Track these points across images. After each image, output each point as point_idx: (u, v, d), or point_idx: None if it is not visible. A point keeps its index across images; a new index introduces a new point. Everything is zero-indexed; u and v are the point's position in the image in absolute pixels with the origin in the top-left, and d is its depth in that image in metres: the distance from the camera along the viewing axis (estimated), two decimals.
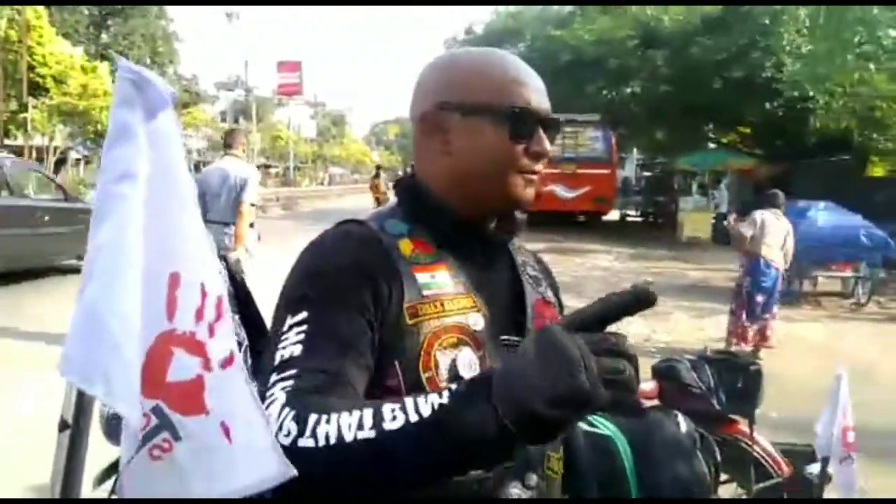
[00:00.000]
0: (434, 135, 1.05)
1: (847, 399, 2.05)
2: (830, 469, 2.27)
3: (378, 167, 22.71)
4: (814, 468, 2.40)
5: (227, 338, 0.73)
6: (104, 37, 36.09)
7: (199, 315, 0.72)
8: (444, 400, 0.74)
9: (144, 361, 0.70)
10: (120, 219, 0.70)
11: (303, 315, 0.90)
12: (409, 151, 1.16)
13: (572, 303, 1.02)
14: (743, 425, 2.72)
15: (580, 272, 12.11)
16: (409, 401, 0.75)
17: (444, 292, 0.99)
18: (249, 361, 1.23)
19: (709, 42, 16.95)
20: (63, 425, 0.79)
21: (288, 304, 0.93)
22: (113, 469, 1.78)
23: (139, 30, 36.11)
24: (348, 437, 0.74)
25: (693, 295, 10.41)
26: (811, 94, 12.25)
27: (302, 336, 0.88)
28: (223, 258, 1.28)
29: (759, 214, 6.95)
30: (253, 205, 5.53)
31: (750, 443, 2.68)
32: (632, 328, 7.93)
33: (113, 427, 1.77)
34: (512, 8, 26.32)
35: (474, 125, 1.02)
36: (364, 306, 0.93)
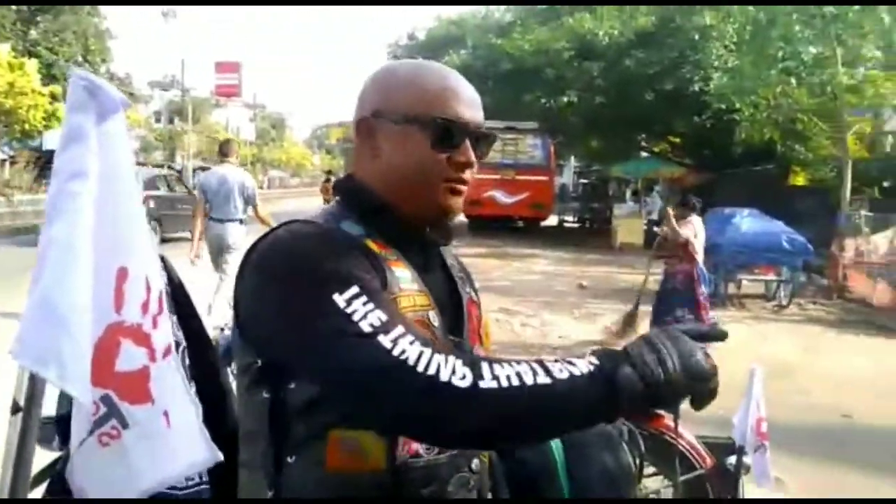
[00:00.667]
0: (366, 140, 1.10)
1: (761, 392, 2.20)
2: (748, 459, 2.43)
3: (329, 172, 23.10)
4: (734, 459, 2.55)
5: (167, 329, 0.78)
6: (33, 33, 34.50)
7: (145, 308, 0.76)
8: (597, 361, 0.88)
9: (94, 352, 0.73)
10: (72, 215, 0.73)
11: (354, 289, 0.91)
12: (352, 156, 1.21)
13: (513, 306, 1.11)
14: (668, 420, 2.81)
15: (518, 276, 12.31)
16: (563, 361, 0.88)
17: (413, 289, 1.04)
18: (188, 362, 1.26)
19: (641, 55, 17.47)
20: (15, 408, 0.80)
21: (327, 283, 0.91)
22: (48, 470, 1.77)
23: (70, 27, 34.67)
24: (528, 381, 0.84)
25: (625, 298, 10.72)
26: (737, 106, 12.79)
27: (371, 305, 0.89)
28: (161, 258, 1.30)
29: (696, 220, 7.00)
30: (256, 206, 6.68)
31: (675, 436, 2.80)
32: (566, 329, 8.16)
33: (45, 431, 1.75)
34: (454, 15, 26.53)
35: (401, 133, 1.06)
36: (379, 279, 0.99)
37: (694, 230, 6.85)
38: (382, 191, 1.09)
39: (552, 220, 24.24)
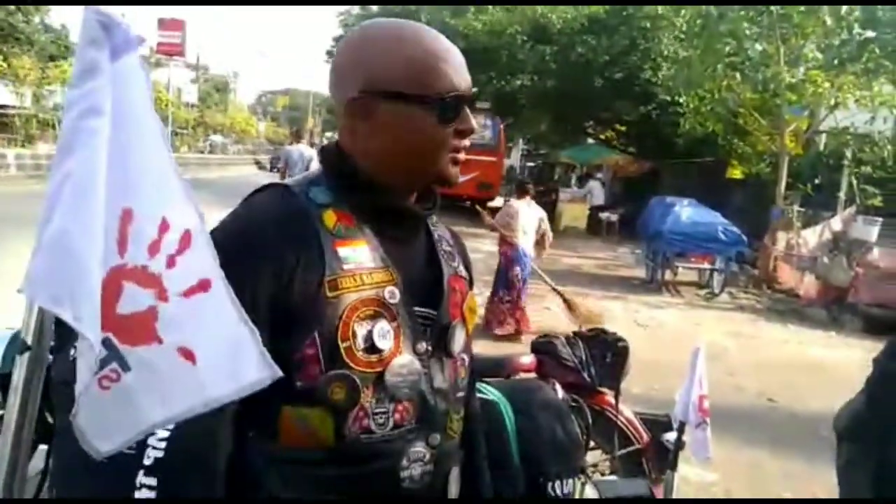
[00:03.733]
0: (362, 119, 1.05)
1: (703, 370, 2.28)
2: (685, 436, 2.51)
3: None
4: (670, 436, 2.64)
5: (194, 268, 0.76)
6: None
7: (154, 248, 0.75)
8: None
9: None
10: (87, 152, 0.72)
11: None
12: (298, 124, 1.19)
13: None
14: (609, 396, 2.92)
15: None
16: None
17: (363, 266, 1.02)
18: None
19: (593, 42, 17.65)
20: (24, 347, 0.80)
21: None
22: None
23: None
24: None
25: (568, 280, 10.93)
26: (682, 97, 13.08)
27: None
28: None
29: (515, 204, 7.13)
30: None
31: (615, 412, 2.90)
32: None
33: None
34: None
35: (402, 111, 1.03)
36: (271, 285, 0.96)
37: (511, 216, 6.99)
38: (373, 167, 1.07)
39: (498, 202, 24.41)
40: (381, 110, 1.04)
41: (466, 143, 1.10)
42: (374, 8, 25.60)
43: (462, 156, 1.09)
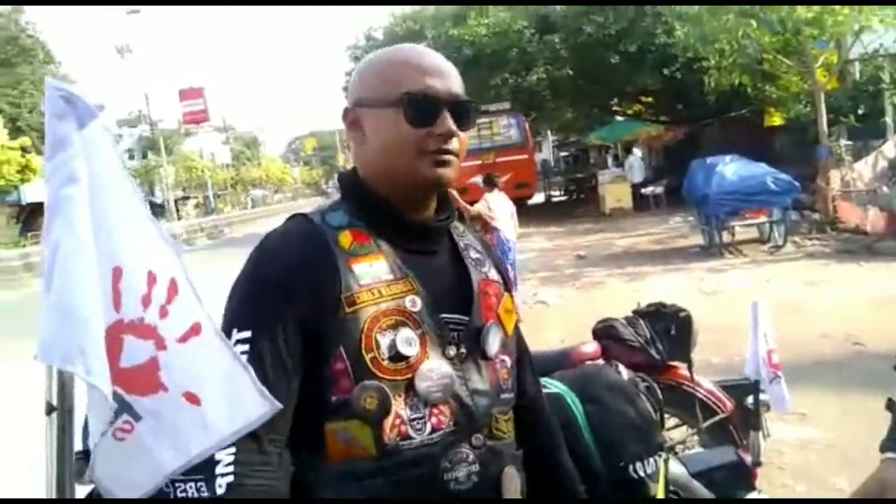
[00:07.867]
0: (353, 129, 1.15)
1: (766, 324, 2.20)
2: (765, 396, 2.42)
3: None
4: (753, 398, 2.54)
5: (184, 314, 0.79)
6: None
7: (147, 301, 0.78)
8: None
9: None
10: (70, 217, 0.76)
11: (246, 334, 0.98)
12: (330, 164, 1.23)
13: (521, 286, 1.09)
14: (682, 369, 2.84)
15: (518, 257, 12.31)
16: None
17: (381, 280, 1.06)
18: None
19: (600, 19, 17.46)
20: (49, 408, 0.84)
21: (234, 316, 1.01)
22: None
23: (27, 77, 34.52)
24: None
25: (623, 262, 10.78)
26: (702, 54, 12.78)
27: (245, 357, 0.95)
28: None
29: (487, 197, 7.72)
30: None
31: (692, 385, 2.81)
32: (572, 301, 8.18)
33: (78, 466, 1.73)
34: (408, 10, 26.44)
35: (378, 116, 1.10)
36: (298, 313, 1.01)
37: (486, 208, 7.63)
38: (372, 176, 1.13)
39: (539, 198, 24.28)
40: (365, 117, 1.13)
41: (452, 145, 1.11)
42: (380, 36, 25.91)
43: (448, 157, 1.10)
